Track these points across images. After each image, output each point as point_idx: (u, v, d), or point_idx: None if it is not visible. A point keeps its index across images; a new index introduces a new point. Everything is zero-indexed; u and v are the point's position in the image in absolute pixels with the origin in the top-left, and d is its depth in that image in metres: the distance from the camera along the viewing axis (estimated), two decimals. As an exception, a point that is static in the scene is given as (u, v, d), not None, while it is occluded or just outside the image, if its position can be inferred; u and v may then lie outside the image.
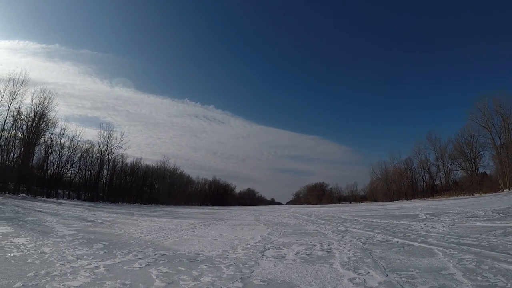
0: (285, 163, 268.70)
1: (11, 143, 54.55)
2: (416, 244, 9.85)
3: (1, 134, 51.90)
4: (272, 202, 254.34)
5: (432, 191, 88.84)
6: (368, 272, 6.42)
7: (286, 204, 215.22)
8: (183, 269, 7.12)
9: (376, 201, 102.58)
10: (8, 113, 51.92)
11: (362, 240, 11.40)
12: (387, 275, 6.15)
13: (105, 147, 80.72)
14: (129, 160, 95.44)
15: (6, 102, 51.12)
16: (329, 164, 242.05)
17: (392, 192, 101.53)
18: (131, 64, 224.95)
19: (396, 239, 11.13)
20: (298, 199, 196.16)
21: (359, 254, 8.52)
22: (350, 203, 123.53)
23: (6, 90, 51.10)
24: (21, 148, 56.89)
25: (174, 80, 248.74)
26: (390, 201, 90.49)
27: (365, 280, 5.88)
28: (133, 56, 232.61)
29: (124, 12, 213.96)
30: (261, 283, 5.94)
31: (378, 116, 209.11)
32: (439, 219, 17.96)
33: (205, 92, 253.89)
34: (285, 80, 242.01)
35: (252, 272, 6.79)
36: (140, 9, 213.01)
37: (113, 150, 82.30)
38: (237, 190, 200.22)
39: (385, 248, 9.43)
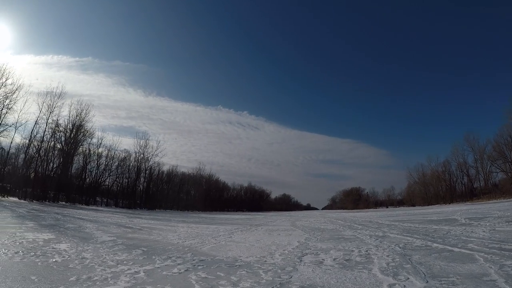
0: (321, 168, 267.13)
1: (51, 153, 56.98)
2: (456, 249, 9.66)
3: (41, 145, 54.00)
4: (308, 208, 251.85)
5: (471, 194, 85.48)
6: (408, 278, 6.36)
7: (322, 210, 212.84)
8: (222, 274, 7.21)
9: (413, 205, 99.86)
10: (46, 125, 54.33)
11: (400, 245, 11.24)
12: (427, 281, 6.08)
13: (142, 155, 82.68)
14: (165, 168, 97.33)
15: (44, 115, 53.44)
16: (365, 168, 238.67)
17: (429, 196, 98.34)
18: (163, 73, 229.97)
19: (435, 245, 10.92)
20: (334, 204, 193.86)
21: (398, 259, 8.43)
22: (387, 207, 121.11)
23: (44, 103, 53.40)
24: (60, 158, 59.10)
25: (207, 87, 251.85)
26: (427, 205, 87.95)
27: (405, 286, 5.84)
28: (165, 66, 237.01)
29: (154, 23, 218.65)
30: (300, 288, 5.98)
31: (415, 117, 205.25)
32: (479, 224, 17.46)
33: (238, 98, 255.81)
34: (320, 84, 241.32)
35: (291, 277, 6.83)
36: (170, 20, 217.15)
37: (149, 158, 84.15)
38: (273, 196, 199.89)
39: (425, 253, 9.29)
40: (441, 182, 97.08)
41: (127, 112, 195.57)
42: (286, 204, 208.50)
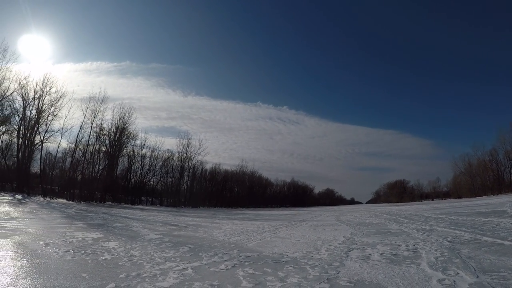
0: (364, 161, 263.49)
1: (96, 156, 59.20)
2: (506, 243, 9.46)
3: (87, 148, 56.33)
4: (352, 202, 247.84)
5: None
6: (458, 273, 6.31)
7: (366, 204, 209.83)
8: (269, 270, 7.31)
9: (460, 197, 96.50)
10: (91, 129, 56.45)
11: (448, 239, 11.08)
12: (478, 276, 6.02)
13: (185, 154, 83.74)
14: (208, 166, 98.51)
15: (88, 119, 55.48)
16: (409, 159, 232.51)
17: (476, 187, 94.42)
18: (200, 72, 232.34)
19: (485, 238, 10.71)
20: (378, 198, 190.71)
21: (446, 254, 8.34)
22: (433, 200, 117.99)
23: (88, 109, 55.45)
24: (106, 161, 61.34)
25: (245, 84, 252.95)
26: (475, 196, 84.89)
27: (454, 281, 5.79)
28: (201, 65, 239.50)
29: (184, 25, 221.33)
30: (348, 284, 6.02)
31: (459, 104, 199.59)
32: (530, 215, 16.96)
33: (277, 94, 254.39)
34: (358, 75, 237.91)
35: (338, 273, 6.88)
36: (204, 19, 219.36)
37: (192, 157, 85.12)
38: (316, 190, 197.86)
39: (474, 247, 9.14)
40: (488, 172, 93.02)
41: (168, 112, 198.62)
42: (329, 198, 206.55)
